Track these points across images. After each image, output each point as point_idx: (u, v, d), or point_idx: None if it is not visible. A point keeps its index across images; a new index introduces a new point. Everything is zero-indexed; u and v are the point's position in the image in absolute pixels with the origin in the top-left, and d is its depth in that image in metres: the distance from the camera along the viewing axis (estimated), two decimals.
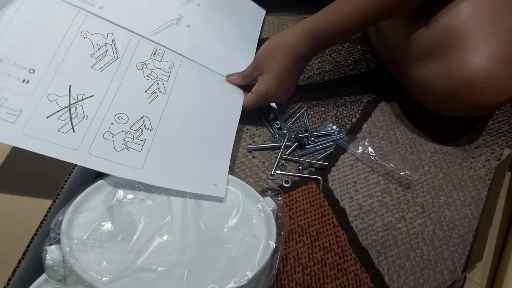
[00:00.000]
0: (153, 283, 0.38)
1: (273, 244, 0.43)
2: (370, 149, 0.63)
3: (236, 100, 0.64)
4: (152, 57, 0.59)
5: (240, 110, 0.63)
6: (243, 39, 0.75)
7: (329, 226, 0.56)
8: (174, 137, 0.54)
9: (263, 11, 0.84)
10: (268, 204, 0.49)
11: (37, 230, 0.45)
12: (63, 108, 0.48)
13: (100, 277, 0.37)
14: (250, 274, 0.39)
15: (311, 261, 0.53)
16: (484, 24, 0.56)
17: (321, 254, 0.53)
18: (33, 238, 0.44)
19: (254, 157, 0.62)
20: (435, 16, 0.59)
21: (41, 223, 0.45)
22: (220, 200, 0.49)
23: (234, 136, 0.59)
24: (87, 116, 0.49)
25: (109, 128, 0.49)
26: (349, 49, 0.80)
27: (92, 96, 0.50)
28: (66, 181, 0.49)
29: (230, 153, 0.57)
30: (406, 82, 0.66)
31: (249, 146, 0.62)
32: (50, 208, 0.46)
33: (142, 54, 0.58)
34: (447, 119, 0.67)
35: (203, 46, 0.67)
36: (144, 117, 0.53)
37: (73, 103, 0.48)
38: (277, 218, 0.48)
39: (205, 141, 0.56)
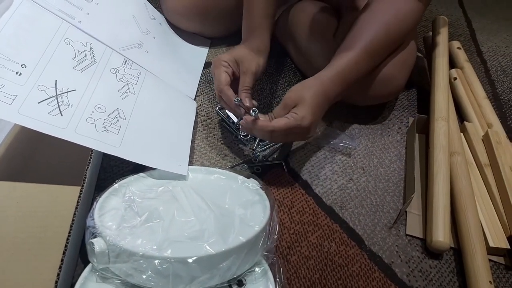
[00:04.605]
0: (193, 244, 0.47)
1: (268, 204, 0.55)
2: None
3: (189, 105, 0.78)
4: (123, 65, 0.70)
5: (194, 113, 0.76)
6: (191, 63, 0.88)
7: (299, 195, 0.69)
8: (144, 126, 0.65)
9: (208, 41, 0.98)
10: (254, 182, 0.61)
11: (75, 213, 0.52)
12: (51, 97, 0.56)
13: (148, 248, 0.46)
14: (261, 223, 0.50)
15: (292, 223, 0.65)
16: None
17: (298, 216, 0.66)
18: (74, 214, 0.51)
19: (226, 155, 0.74)
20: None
21: (77, 204, 0.52)
22: (183, 178, 0.63)
23: (191, 130, 0.73)
24: (72, 104, 0.57)
25: (91, 114, 0.59)
26: (277, 62, 0.96)
27: (75, 90, 0.59)
28: (86, 169, 0.56)
29: (190, 142, 0.70)
30: None
31: (228, 168, 0.71)
32: (81, 191, 0.53)
33: (115, 62, 0.69)
34: (365, 107, 0.86)
35: (160, 67, 0.79)
36: (119, 109, 0.63)
37: (59, 94, 0.57)
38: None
39: (169, 131, 0.68)
